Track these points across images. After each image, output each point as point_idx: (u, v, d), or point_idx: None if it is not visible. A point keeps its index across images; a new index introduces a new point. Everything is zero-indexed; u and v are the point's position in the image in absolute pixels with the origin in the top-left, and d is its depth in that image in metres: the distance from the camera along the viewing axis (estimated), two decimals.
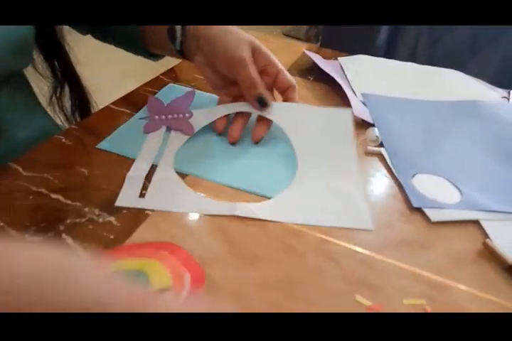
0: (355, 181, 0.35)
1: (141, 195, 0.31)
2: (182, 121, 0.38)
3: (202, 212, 0.31)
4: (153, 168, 0.34)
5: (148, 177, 0.33)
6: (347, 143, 0.38)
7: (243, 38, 0.37)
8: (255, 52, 0.38)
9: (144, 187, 0.32)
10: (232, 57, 0.36)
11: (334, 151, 0.37)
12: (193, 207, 0.31)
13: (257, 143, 0.39)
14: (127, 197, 0.31)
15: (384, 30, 0.83)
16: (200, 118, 0.39)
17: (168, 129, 0.38)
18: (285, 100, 0.40)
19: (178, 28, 0.39)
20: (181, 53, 0.41)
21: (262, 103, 0.37)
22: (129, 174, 0.33)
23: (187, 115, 0.39)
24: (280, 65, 0.39)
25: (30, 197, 0.30)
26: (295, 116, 0.39)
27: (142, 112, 0.42)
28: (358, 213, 0.32)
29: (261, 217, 0.31)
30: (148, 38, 0.44)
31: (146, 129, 0.38)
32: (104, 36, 0.47)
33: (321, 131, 0.39)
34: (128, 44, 0.46)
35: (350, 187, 0.34)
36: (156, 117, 0.39)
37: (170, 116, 0.39)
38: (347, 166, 0.36)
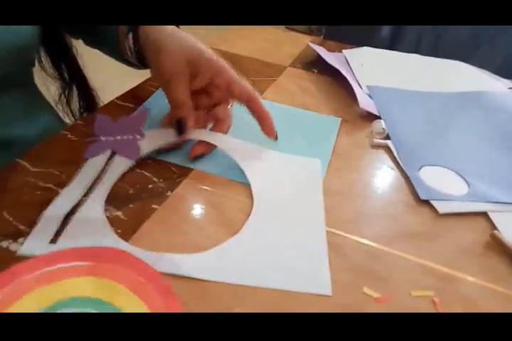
0: (319, 238, 0.29)
1: (53, 241, 0.26)
2: (130, 144, 0.34)
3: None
4: (81, 203, 0.29)
5: (70, 216, 0.28)
6: (314, 196, 0.33)
7: (183, 47, 0.33)
8: (196, 62, 0.33)
9: (59, 232, 0.27)
10: (162, 72, 0.32)
11: (298, 203, 0.32)
12: None
13: (194, 159, 0.35)
14: (34, 244, 0.25)
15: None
16: (151, 141, 0.35)
17: (113, 154, 0.33)
18: (254, 114, 0.36)
19: (130, 37, 0.36)
20: (142, 63, 0.38)
21: (179, 128, 0.33)
22: (46, 213, 0.28)
23: (138, 136, 0.35)
24: (231, 73, 0.34)
25: (38, 192, 0.30)
26: (261, 160, 0.35)
27: (145, 106, 0.42)
28: (317, 276, 0.27)
29: (187, 274, 0.25)
30: (122, 45, 0.39)
31: (88, 153, 0.33)
32: (92, 41, 0.45)
33: (287, 179, 0.34)
34: (109, 50, 0.43)
35: (313, 244, 0.29)
36: (103, 138, 0.34)
37: (118, 137, 0.35)
38: (312, 221, 0.31)
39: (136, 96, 0.43)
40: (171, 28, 0.35)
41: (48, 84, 0.48)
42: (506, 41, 0.76)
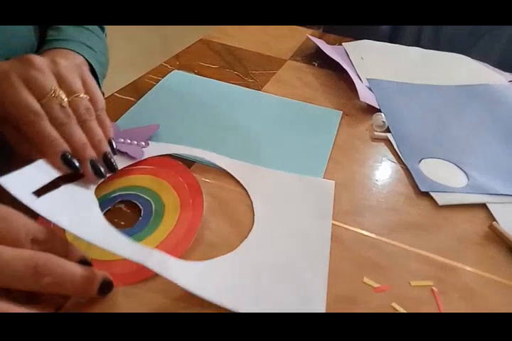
0: (322, 266, 0.27)
1: (37, 193, 0.24)
2: (133, 147, 0.33)
3: (106, 246, 0.23)
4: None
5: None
6: (322, 221, 0.30)
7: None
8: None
9: (48, 187, 0.24)
10: None
11: (303, 227, 0.30)
12: (98, 237, 0.23)
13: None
14: (18, 183, 0.23)
15: None
16: (154, 150, 0.34)
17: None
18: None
19: None
20: None
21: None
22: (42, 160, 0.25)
23: (142, 143, 0.34)
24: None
25: None
26: (268, 182, 0.33)
27: (145, 99, 0.42)
28: (312, 301, 0.25)
29: (173, 279, 0.22)
30: None
31: None
32: None
33: (294, 201, 0.32)
34: None
35: (314, 271, 0.26)
36: None
37: (122, 140, 0.34)
38: (316, 247, 0.28)
39: (135, 90, 0.43)
40: None
41: None
42: (506, 34, 0.76)
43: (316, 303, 0.24)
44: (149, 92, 0.43)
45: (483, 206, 0.34)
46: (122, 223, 0.28)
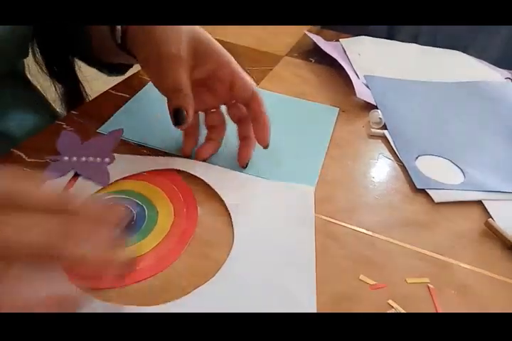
0: (308, 279, 0.26)
1: None
2: (97, 167, 0.31)
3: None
4: None
5: None
6: (304, 230, 0.29)
7: (184, 31, 0.30)
8: (201, 52, 0.30)
9: None
10: (161, 55, 0.29)
11: (287, 236, 0.29)
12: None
13: (244, 167, 0.33)
14: None
15: None
16: (121, 167, 0.32)
17: (76, 175, 0.30)
18: (252, 115, 0.32)
19: None
20: (125, 49, 0.33)
21: (177, 118, 0.29)
22: None
23: (106, 160, 0.32)
24: (236, 67, 0.31)
25: None
26: (245, 190, 0.32)
27: (139, 95, 0.41)
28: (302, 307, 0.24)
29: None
30: (95, 41, 0.36)
31: (48, 174, 0.30)
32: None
33: (274, 212, 0.30)
34: (82, 54, 0.41)
35: (299, 287, 0.25)
36: (66, 158, 0.31)
37: (84, 159, 0.32)
38: (299, 258, 0.27)
39: (130, 86, 0.43)
40: None
41: (45, 77, 0.47)
42: (504, 31, 0.76)
43: (307, 309, 0.24)
44: (144, 88, 0.43)
45: (479, 203, 0.34)
46: None
